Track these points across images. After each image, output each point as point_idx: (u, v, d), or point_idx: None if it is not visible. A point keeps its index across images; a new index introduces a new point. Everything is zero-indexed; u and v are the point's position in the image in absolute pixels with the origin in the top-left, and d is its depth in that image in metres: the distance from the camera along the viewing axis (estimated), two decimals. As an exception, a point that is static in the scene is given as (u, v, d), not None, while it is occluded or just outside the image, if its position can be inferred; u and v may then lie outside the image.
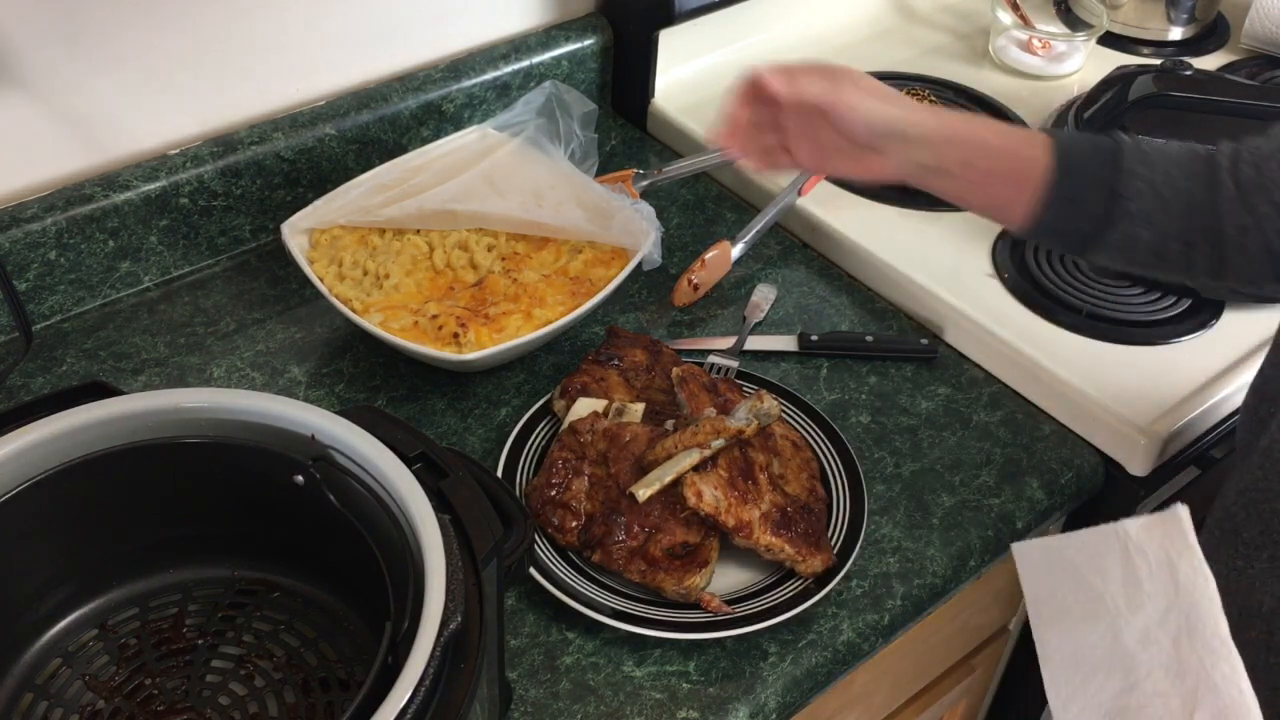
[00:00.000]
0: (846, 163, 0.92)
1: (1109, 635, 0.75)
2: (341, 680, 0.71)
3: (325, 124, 1.17)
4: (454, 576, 0.62)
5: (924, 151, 0.90)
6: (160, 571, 0.75)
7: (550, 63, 1.30)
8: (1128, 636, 0.74)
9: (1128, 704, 0.74)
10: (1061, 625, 0.77)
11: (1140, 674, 0.73)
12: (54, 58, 1.01)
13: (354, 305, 1.03)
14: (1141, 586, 0.73)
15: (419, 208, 1.10)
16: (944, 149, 0.90)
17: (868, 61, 1.48)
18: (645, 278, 1.17)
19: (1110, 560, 0.74)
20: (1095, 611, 0.75)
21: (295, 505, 0.70)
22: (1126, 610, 0.74)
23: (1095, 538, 0.75)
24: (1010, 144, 0.91)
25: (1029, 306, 1.14)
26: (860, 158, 0.91)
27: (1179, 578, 0.72)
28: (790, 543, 0.88)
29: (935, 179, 0.91)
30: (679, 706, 0.84)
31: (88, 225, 1.07)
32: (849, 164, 0.92)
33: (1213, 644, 0.70)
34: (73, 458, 0.69)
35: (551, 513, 0.91)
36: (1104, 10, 1.52)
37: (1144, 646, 0.73)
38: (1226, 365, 1.09)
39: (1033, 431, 1.06)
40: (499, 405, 1.04)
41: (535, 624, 0.88)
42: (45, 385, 1.04)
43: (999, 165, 0.90)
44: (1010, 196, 0.90)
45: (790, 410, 1.02)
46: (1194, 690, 0.71)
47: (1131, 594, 0.73)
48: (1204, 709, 0.70)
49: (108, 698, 0.69)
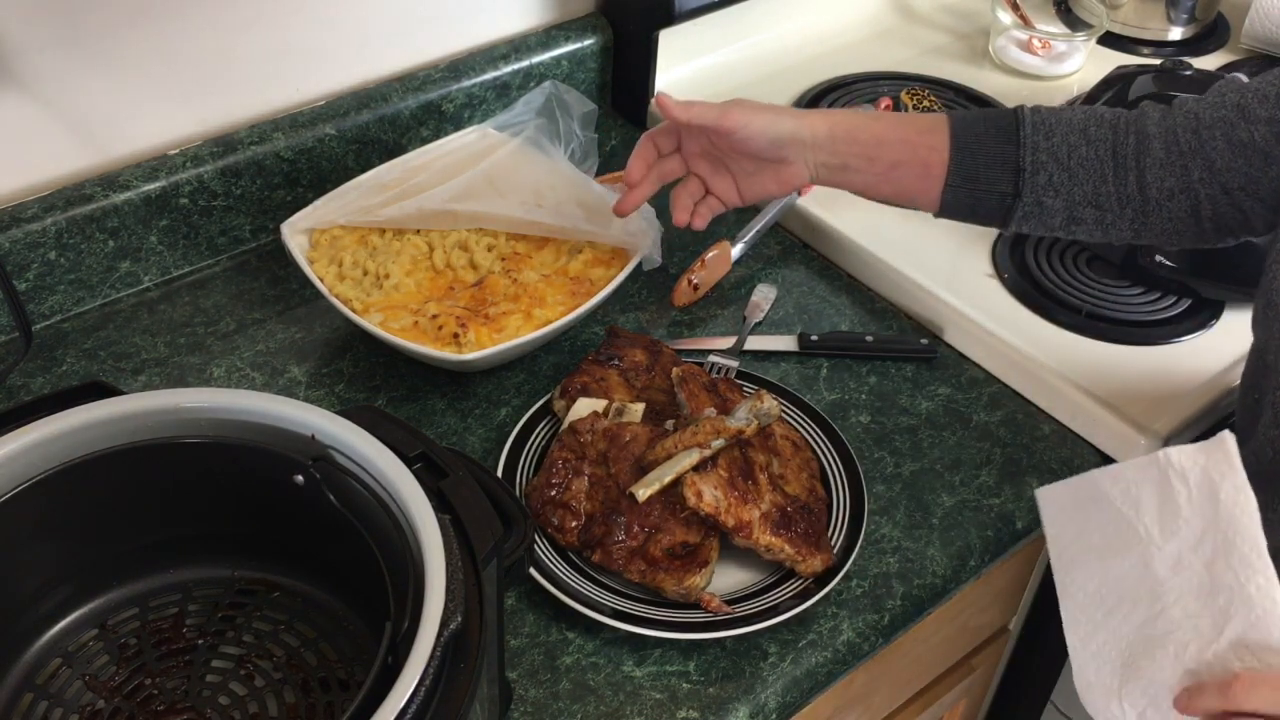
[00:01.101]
0: (761, 182, 0.99)
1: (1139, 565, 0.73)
2: (341, 680, 0.70)
3: (325, 124, 1.17)
4: (454, 576, 0.62)
5: (823, 152, 0.96)
6: (160, 571, 0.75)
7: (550, 63, 1.30)
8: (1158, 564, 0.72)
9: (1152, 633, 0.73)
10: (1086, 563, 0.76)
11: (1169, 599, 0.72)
12: (54, 58, 1.01)
13: (354, 305, 1.03)
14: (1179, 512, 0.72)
15: (419, 208, 1.10)
16: (842, 147, 0.95)
17: (868, 61, 1.48)
18: (645, 278, 1.17)
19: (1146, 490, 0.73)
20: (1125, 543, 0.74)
21: (295, 505, 0.70)
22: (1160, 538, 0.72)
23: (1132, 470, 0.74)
24: (907, 134, 0.95)
25: (1029, 306, 1.14)
26: (772, 172, 0.98)
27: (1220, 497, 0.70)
28: (790, 543, 0.88)
29: (841, 176, 0.97)
30: (679, 706, 0.84)
31: (88, 225, 1.07)
32: (764, 182, 0.99)
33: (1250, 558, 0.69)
34: (73, 458, 0.69)
35: (551, 513, 0.91)
36: (1104, 10, 1.52)
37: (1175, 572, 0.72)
38: (1226, 365, 1.09)
39: (1033, 431, 1.06)
40: (499, 405, 1.04)
41: (535, 624, 0.88)
42: (45, 385, 1.04)
43: (899, 155, 0.95)
44: (916, 184, 0.95)
45: (790, 410, 1.02)
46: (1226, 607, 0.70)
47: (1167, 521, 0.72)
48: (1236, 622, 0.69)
49: (108, 698, 0.69)
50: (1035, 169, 0.91)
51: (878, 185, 0.97)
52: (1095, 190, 0.91)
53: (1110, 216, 0.92)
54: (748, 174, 0.99)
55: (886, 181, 0.96)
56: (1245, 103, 0.87)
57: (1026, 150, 0.91)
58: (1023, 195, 0.92)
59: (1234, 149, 0.86)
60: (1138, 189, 0.90)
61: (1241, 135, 0.86)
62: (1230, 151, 0.87)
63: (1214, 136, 0.87)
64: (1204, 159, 0.87)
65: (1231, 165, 0.87)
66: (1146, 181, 0.89)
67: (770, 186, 0.99)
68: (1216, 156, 0.87)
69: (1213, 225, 0.90)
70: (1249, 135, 0.86)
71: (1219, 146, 0.87)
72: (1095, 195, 0.91)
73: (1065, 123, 0.92)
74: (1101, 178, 0.91)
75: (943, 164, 0.93)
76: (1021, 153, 0.91)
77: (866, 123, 0.96)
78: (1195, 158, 0.88)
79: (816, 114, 0.97)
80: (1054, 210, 0.92)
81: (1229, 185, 0.88)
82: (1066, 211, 0.92)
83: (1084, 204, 0.91)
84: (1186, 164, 0.88)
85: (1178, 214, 0.90)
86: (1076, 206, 0.92)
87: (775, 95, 1.41)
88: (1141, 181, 0.90)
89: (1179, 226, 0.91)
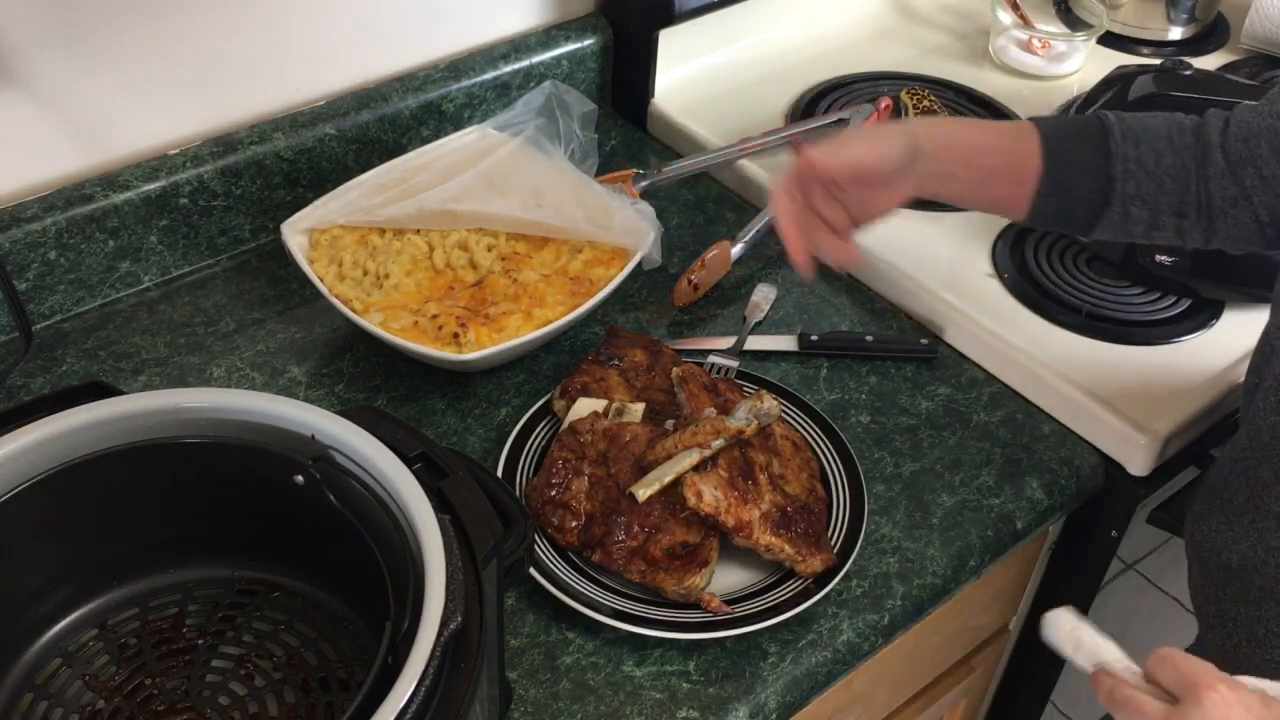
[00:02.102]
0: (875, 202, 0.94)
1: None
2: (341, 680, 0.70)
3: (325, 124, 1.17)
4: (454, 576, 0.62)
5: (930, 163, 0.93)
6: (160, 571, 0.75)
7: (550, 63, 1.30)
8: None
9: None
10: None
11: None
12: (54, 58, 1.01)
13: (354, 305, 1.03)
14: None
15: (419, 208, 1.10)
16: (944, 154, 0.93)
17: (868, 61, 1.48)
18: (645, 278, 1.17)
19: None
20: None
21: (295, 505, 0.70)
22: None
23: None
24: (1002, 141, 0.93)
25: (1029, 306, 1.14)
26: (886, 191, 0.93)
27: None
28: (790, 543, 0.88)
29: (942, 184, 0.94)
30: (679, 706, 0.84)
31: (88, 225, 1.07)
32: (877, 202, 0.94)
33: None
34: (73, 458, 0.69)
35: (551, 513, 0.91)
36: (1104, 10, 1.52)
37: None
38: (1226, 365, 1.09)
39: (1033, 431, 1.06)
40: (499, 405, 1.04)
41: (535, 624, 0.88)
42: (45, 385, 1.04)
43: (996, 162, 0.93)
44: (1010, 192, 0.93)
45: (790, 410, 1.02)
46: None
47: None
48: None
49: (108, 698, 0.69)
50: (1125, 178, 0.90)
51: (974, 193, 0.95)
52: (1180, 200, 0.90)
53: (1188, 224, 0.91)
54: (859, 200, 0.93)
55: (983, 189, 0.94)
56: None
57: (1117, 160, 0.90)
58: (1112, 204, 0.91)
59: (1278, 157, 0.86)
60: (1206, 198, 0.90)
61: None
62: (1275, 159, 0.87)
63: (1260, 145, 0.87)
64: (1254, 167, 0.88)
65: (1278, 172, 0.87)
66: (1211, 190, 0.89)
67: (885, 205, 0.94)
68: (1264, 165, 0.87)
69: (1274, 230, 0.90)
70: None
71: (1263, 154, 0.87)
72: (1179, 204, 0.90)
73: (1151, 131, 0.91)
74: (1185, 186, 0.90)
75: (1036, 172, 0.91)
76: (1113, 162, 0.90)
77: (960, 130, 0.95)
78: (1247, 166, 0.88)
79: (918, 123, 0.95)
80: (1138, 219, 0.91)
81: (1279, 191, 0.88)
82: (1150, 220, 0.91)
83: (1168, 212, 0.91)
84: (1239, 173, 0.88)
85: (1242, 220, 0.90)
86: (1160, 215, 0.91)
87: (775, 95, 1.41)
88: (1207, 190, 0.90)
89: (1244, 233, 0.91)
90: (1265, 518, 0.85)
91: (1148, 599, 1.34)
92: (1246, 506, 0.87)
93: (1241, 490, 0.88)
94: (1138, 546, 1.20)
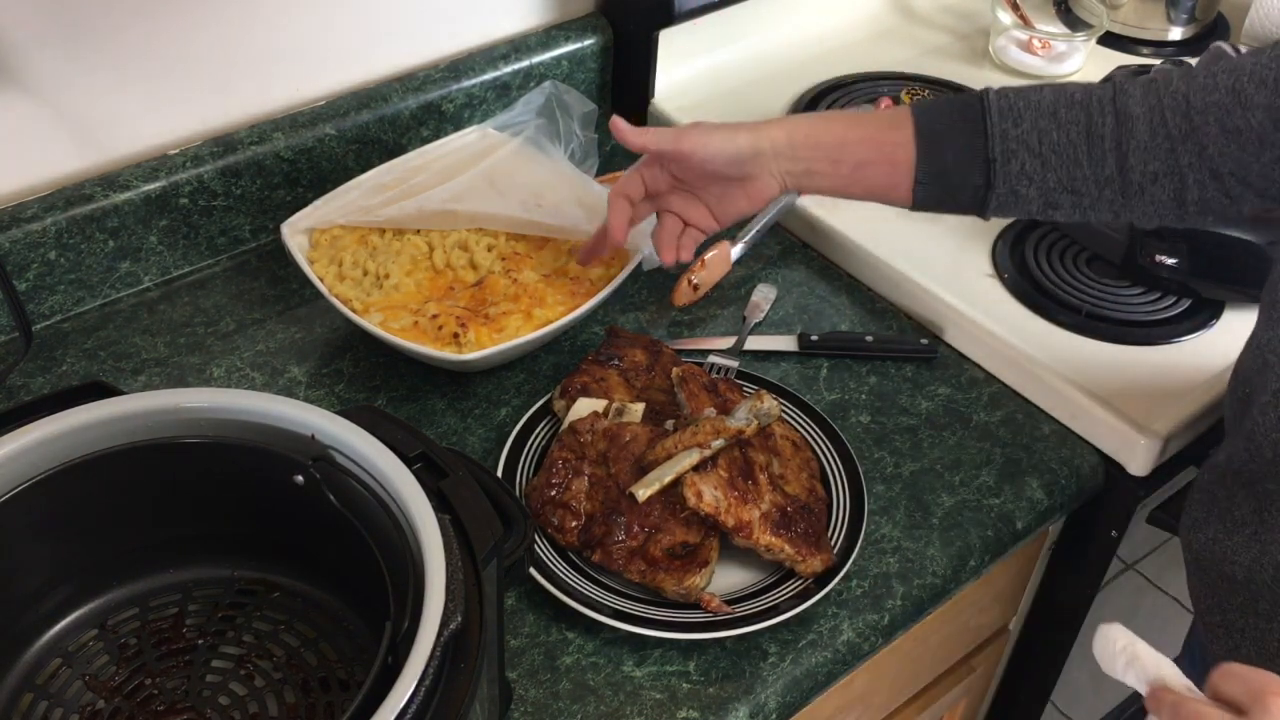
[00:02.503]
0: (733, 201, 0.98)
1: None
2: (341, 680, 0.70)
3: (325, 124, 1.17)
4: (454, 576, 0.62)
5: (786, 160, 0.94)
6: (160, 571, 0.75)
7: (550, 63, 1.30)
8: None
9: None
10: None
11: None
12: (54, 58, 1.01)
13: (354, 305, 1.03)
14: None
15: (419, 208, 1.10)
16: (803, 152, 0.94)
17: (868, 61, 1.48)
18: (645, 278, 1.17)
19: None
20: None
21: (295, 505, 0.70)
22: None
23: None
24: (870, 132, 0.93)
25: (1029, 306, 1.14)
26: (741, 190, 0.96)
27: None
28: (790, 543, 0.88)
29: (808, 181, 0.95)
30: (679, 706, 0.84)
31: (88, 225, 1.07)
32: (736, 201, 0.98)
33: None
34: (73, 458, 0.69)
35: (551, 513, 0.91)
36: (1104, 10, 1.52)
37: None
38: (1226, 365, 1.09)
39: (1033, 431, 1.06)
40: (499, 405, 1.04)
41: (535, 624, 0.88)
42: (45, 385, 1.04)
43: (864, 154, 0.93)
44: (885, 182, 0.93)
45: (790, 410, 1.02)
46: None
47: None
48: None
49: (108, 698, 0.69)
50: (1006, 158, 0.89)
51: (847, 187, 0.95)
52: (1070, 175, 0.89)
53: (1088, 200, 0.90)
54: (717, 198, 0.98)
55: (855, 182, 0.94)
56: (1240, 87, 0.83)
57: (995, 140, 0.89)
58: (995, 185, 0.90)
59: (1228, 135, 0.84)
60: (1117, 171, 0.87)
61: (1237, 122, 0.83)
62: (1224, 138, 0.84)
63: (1207, 122, 0.84)
64: (1195, 143, 0.85)
65: (1224, 151, 0.84)
66: (1129, 165, 0.87)
67: (743, 205, 0.98)
68: (1209, 142, 0.84)
69: (1197, 208, 0.88)
70: (1245, 122, 0.83)
71: (1212, 132, 0.84)
72: (1070, 180, 0.89)
73: (1034, 106, 0.89)
74: (1075, 162, 0.88)
75: (909, 160, 0.91)
76: (990, 143, 0.89)
77: (827, 125, 0.95)
78: (1185, 142, 0.85)
79: (774, 123, 0.95)
80: (1029, 198, 0.90)
81: (1219, 170, 0.85)
82: (1042, 198, 0.90)
83: (1059, 190, 0.89)
84: (1174, 148, 0.86)
85: (1160, 197, 0.88)
86: (1051, 193, 0.90)
87: (775, 95, 1.41)
88: (1123, 165, 0.87)
89: (1160, 209, 0.89)
90: (1271, 530, 0.83)
91: (1148, 599, 1.34)
92: (1250, 519, 0.85)
93: (1245, 502, 0.86)
94: (1138, 546, 1.20)
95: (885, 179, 0.93)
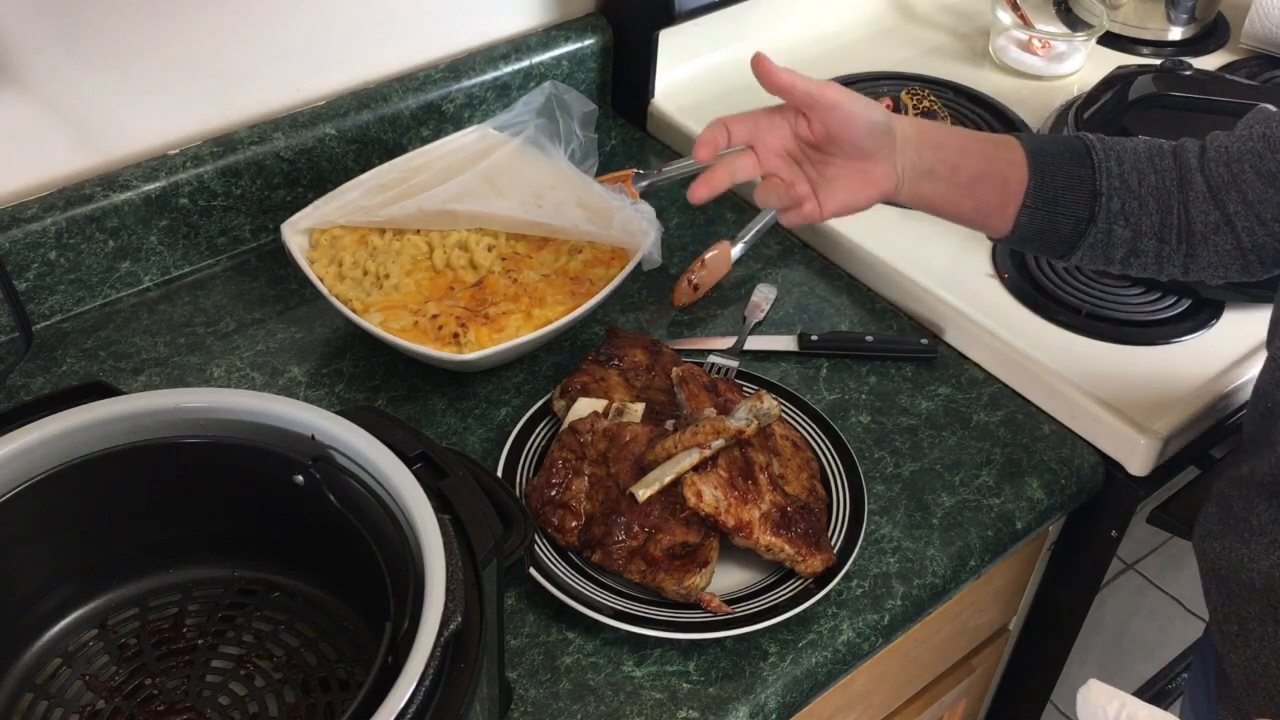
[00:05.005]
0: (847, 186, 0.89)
1: None
2: (341, 680, 0.70)
3: (325, 124, 1.17)
4: (454, 576, 0.62)
5: (913, 153, 0.90)
6: (160, 571, 0.75)
7: (550, 63, 1.30)
8: None
9: None
10: None
11: None
12: (54, 58, 1.01)
13: (354, 305, 1.03)
14: None
15: (419, 208, 1.10)
16: (928, 151, 0.90)
17: (868, 61, 1.48)
18: (645, 278, 1.17)
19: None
20: None
21: (295, 505, 0.70)
22: None
23: None
24: (986, 147, 0.91)
25: (1029, 306, 1.14)
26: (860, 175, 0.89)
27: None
28: (790, 543, 0.88)
29: (925, 184, 0.90)
30: (679, 706, 0.84)
31: (88, 225, 1.07)
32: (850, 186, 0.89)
33: None
34: (73, 458, 0.69)
35: (551, 513, 0.91)
36: (1104, 10, 1.52)
37: None
38: (1226, 365, 1.09)
39: (1033, 431, 1.06)
40: (499, 405, 1.04)
41: (535, 624, 0.88)
42: (45, 385, 1.04)
43: (982, 167, 0.90)
44: (994, 200, 0.91)
45: (790, 410, 1.02)
46: None
47: None
48: None
49: (108, 698, 0.69)
50: (1110, 194, 0.88)
51: (959, 199, 0.91)
52: (1161, 221, 0.89)
53: (1168, 250, 0.90)
54: (829, 180, 0.89)
55: (969, 195, 0.90)
56: (1271, 133, 0.86)
57: (1102, 175, 0.88)
58: (1096, 220, 0.89)
59: (1263, 180, 0.86)
60: (1186, 223, 0.89)
61: (1270, 166, 0.86)
62: (1260, 183, 0.86)
63: (1244, 169, 0.87)
64: (1238, 191, 0.87)
65: (1263, 196, 0.86)
66: (1192, 216, 0.89)
67: (856, 191, 0.89)
68: (1248, 188, 0.87)
69: (1256, 257, 0.89)
70: (1277, 166, 0.86)
71: (1249, 178, 0.87)
72: (1160, 227, 0.89)
73: (1131, 151, 0.90)
74: (1168, 208, 0.89)
75: (1021, 182, 0.89)
76: (1098, 177, 0.88)
77: (948, 130, 0.92)
78: (1230, 190, 0.87)
79: (899, 119, 0.90)
80: (1120, 241, 0.90)
81: (1263, 216, 0.87)
82: (1131, 243, 0.90)
83: (1149, 235, 0.90)
84: (1222, 198, 0.88)
85: (1223, 247, 0.89)
86: (1142, 238, 0.90)
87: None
88: (1188, 216, 0.89)
89: (1225, 260, 0.90)
90: None
91: (1148, 599, 1.34)
92: (1269, 527, 0.85)
93: (1266, 511, 0.86)
94: (1138, 546, 1.20)
95: (996, 198, 0.90)
